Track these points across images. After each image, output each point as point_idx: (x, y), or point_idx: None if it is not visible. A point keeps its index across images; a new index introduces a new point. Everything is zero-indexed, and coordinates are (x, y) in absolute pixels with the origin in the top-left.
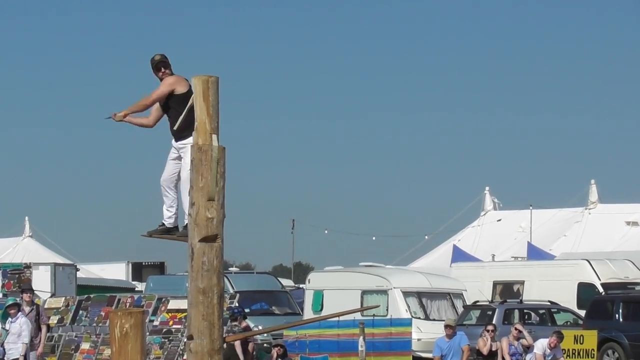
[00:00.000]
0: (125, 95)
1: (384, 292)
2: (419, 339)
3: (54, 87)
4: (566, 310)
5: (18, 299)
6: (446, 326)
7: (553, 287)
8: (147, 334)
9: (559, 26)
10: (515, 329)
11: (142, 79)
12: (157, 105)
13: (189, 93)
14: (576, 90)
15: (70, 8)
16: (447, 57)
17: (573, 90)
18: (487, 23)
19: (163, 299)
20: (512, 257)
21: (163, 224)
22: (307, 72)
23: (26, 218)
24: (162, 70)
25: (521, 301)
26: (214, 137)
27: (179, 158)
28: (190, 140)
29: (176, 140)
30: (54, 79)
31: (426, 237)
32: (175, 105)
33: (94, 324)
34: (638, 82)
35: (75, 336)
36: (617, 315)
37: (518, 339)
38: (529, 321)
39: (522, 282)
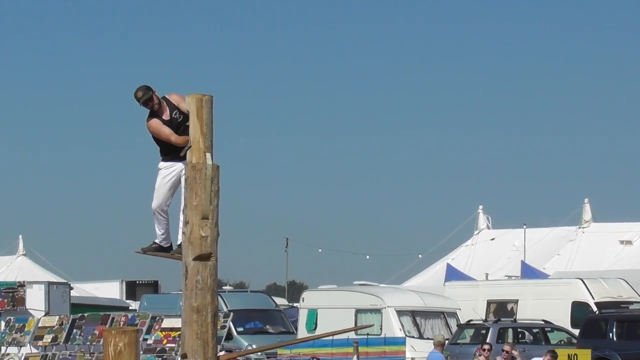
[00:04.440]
0: (119, 114)
1: (378, 311)
2: (412, 358)
3: (46, 105)
4: (560, 329)
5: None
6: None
7: (547, 306)
8: (141, 352)
9: (551, 46)
10: (503, 350)
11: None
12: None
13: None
14: (570, 109)
15: (59, 27)
16: (439, 76)
17: (566, 110)
18: (479, 42)
19: (157, 318)
20: (506, 276)
21: (156, 243)
22: (301, 91)
23: (20, 236)
24: (150, 104)
25: (515, 320)
26: (208, 155)
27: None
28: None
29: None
30: (47, 97)
31: (420, 256)
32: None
33: (88, 343)
34: (631, 101)
35: (69, 355)
36: (610, 334)
37: (512, 358)
38: (523, 340)
39: (515, 301)
